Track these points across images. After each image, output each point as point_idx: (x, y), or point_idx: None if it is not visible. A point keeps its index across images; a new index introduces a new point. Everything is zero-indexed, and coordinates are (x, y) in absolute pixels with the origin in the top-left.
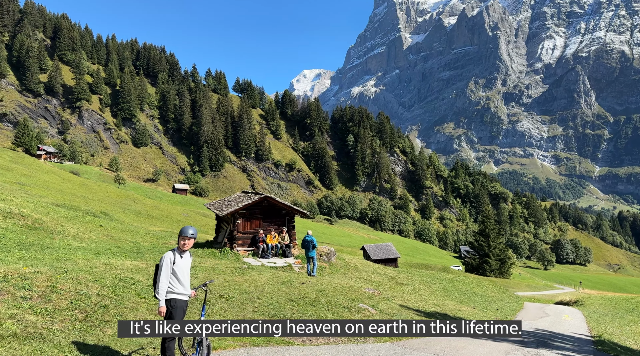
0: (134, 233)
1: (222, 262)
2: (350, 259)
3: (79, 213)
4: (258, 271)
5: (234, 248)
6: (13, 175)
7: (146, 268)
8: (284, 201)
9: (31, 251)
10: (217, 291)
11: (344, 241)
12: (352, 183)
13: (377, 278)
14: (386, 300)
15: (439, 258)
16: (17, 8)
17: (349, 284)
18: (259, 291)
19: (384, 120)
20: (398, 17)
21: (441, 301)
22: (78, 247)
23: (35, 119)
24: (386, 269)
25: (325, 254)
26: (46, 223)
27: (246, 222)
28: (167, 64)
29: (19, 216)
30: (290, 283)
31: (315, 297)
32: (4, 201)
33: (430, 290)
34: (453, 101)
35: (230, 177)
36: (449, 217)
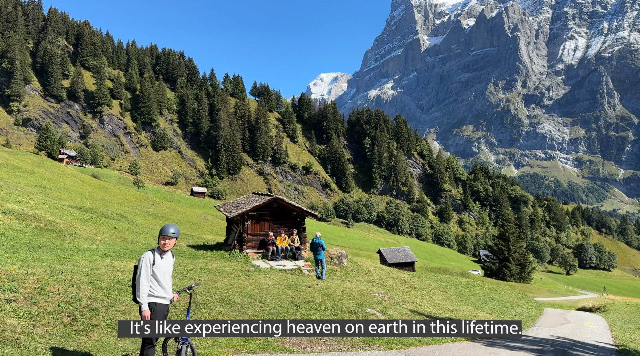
0: (147, 235)
1: (229, 264)
2: (362, 263)
3: (94, 215)
4: (265, 273)
5: (244, 250)
6: (35, 178)
7: None
8: (294, 202)
9: (38, 252)
10: (218, 295)
11: (361, 245)
12: (368, 186)
13: (390, 282)
14: (396, 305)
15: (457, 262)
16: (41, 16)
17: (358, 288)
18: (263, 295)
19: (400, 123)
20: (415, 19)
21: (456, 307)
22: (87, 248)
23: (57, 123)
24: (400, 273)
25: (337, 257)
26: (59, 224)
27: (256, 224)
28: (185, 69)
29: (32, 218)
30: (296, 287)
31: (321, 301)
32: (20, 203)
33: (445, 295)
34: (472, 103)
35: (247, 180)
36: (468, 221)
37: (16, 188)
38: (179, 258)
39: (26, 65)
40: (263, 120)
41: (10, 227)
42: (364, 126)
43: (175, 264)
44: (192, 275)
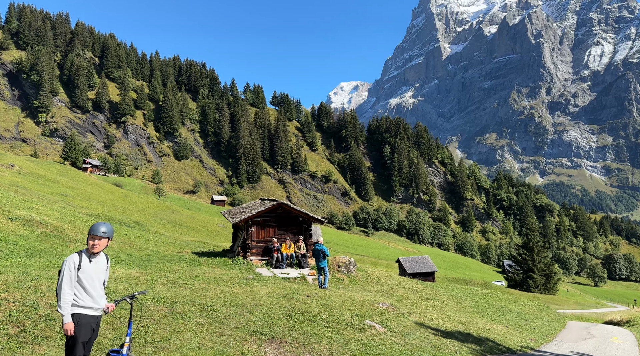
0: (158, 242)
1: (230, 272)
2: (372, 271)
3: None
4: (264, 282)
5: (247, 258)
6: (58, 187)
7: (138, 276)
8: (300, 207)
9: (34, 258)
10: (203, 304)
11: (380, 254)
12: (388, 194)
13: (400, 292)
14: (400, 316)
15: (480, 272)
16: (68, 29)
17: (361, 298)
18: (254, 304)
19: (421, 130)
20: (437, 27)
21: (469, 319)
22: None
23: (83, 133)
24: (412, 282)
25: (344, 265)
26: (66, 230)
27: (260, 230)
28: (207, 80)
29: (38, 224)
30: (293, 296)
31: (317, 312)
32: (30, 209)
33: (459, 306)
34: (495, 110)
35: (267, 189)
36: (491, 230)
37: (35, 196)
38: (178, 264)
39: (54, 77)
40: (283, 129)
41: (14, 233)
42: (384, 134)
43: (170, 272)
44: (184, 283)
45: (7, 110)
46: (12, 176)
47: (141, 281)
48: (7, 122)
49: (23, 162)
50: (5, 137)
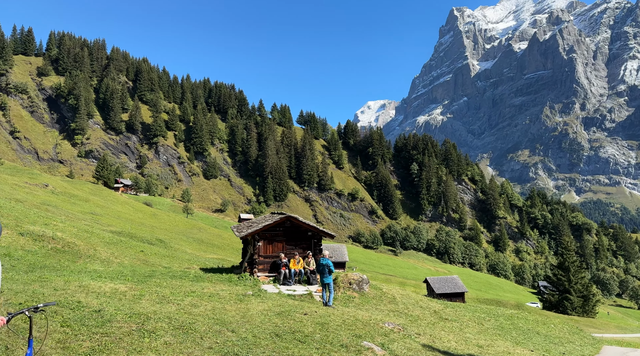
0: (174, 259)
1: (231, 288)
2: (388, 290)
3: (125, 239)
4: (263, 298)
5: (254, 274)
6: (89, 206)
7: (126, 291)
8: (309, 222)
9: (33, 273)
10: (181, 321)
11: (409, 274)
12: (417, 212)
13: (416, 312)
14: (406, 338)
15: (514, 294)
16: (104, 55)
17: (366, 317)
18: (241, 323)
19: (450, 147)
20: (465, 45)
21: (489, 342)
22: (93, 270)
23: (116, 154)
24: (431, 302)
25: (356, 282)
26: (79, 246)
27: (268, 245)
28: (236, 101)
29: (50, 239)
30: (288, 314)
31: (311, 331)
32: (46, 225)
33: (480, 328)
34: (527, 127)
35: (293, 207)
36: (525, 249)
37: (63, 214)
38: (180, 280)
39: (90, 101)
40: (309, 147)
41: (22, 248)
42: (411, 152)
43: (166, 287)
44: (175, 299)
45: (46, 133)
46: (45, 195)
47: (127, 296)
48: (46, 145)
49: (57, 182)
50: (44, 159)
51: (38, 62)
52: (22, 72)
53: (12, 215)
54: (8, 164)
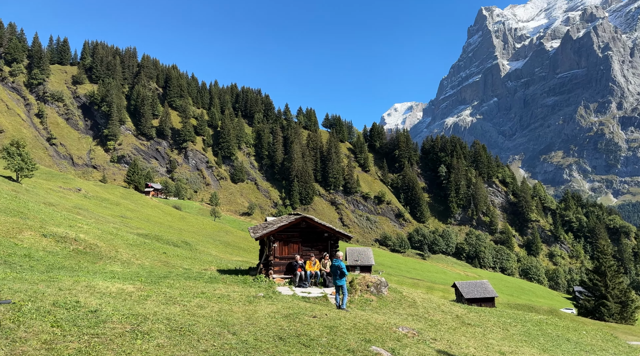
0: (196, 261)
1: (244, 290)
2: (408, 293)
3: (149, 241)
4: (273, 300)
5: (270, 275)
6: (119, 209)
7: (133, 292)
8: (326, 222)
9: (50, 273)
10: (180, 323)
11: (437, 278)
12: (445, 215)
13: (437, 316)
14: (420, 343)
15: (548, 299)
16: (135, 62)
17: (379, 321)
18: (246, 325)
19: (479, 149)
20: (494, 44)
21: (513, 349)
22: (111, 271)
23: (147, 159)
24: (454, 306)
25: (374, 285)
26: (100, 248)
27: (284, 246)
28: (262, 105)
29: (72, 241)
30: (296, 316)
31: (317, 335)
32: (71, 227)
33: (505, 334)
34: (560, 127)
35: (319, 210)
36: (559, 253)
37: (93, 217)
38: (194, 281)
39: (122, 107)
40: (334, 150)
41: (43, 249)
42: (439, 154)
43: (177, 288)
44: (182, 300)
45: (81, 139)
46: (77, 199)
47: (133, 297)
48: (80, 150)
49: (89, 187)
50: (79, 164)
51: (73, 71)
52: (58, 81)
53: (38, 217)
54: (44, 169)
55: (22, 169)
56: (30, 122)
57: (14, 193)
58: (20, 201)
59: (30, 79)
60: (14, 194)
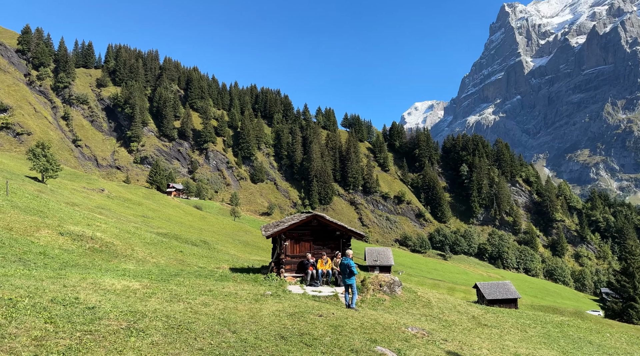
0: (212, 259)
1: (254, 288)
2: (423, 293)
3: (166, 240)
4: (281, 299)
5: (281, 274)
6: (141, 209)
7: (138, 289)
8: (338, 221)
9: (63, 270)
10: (179, 321)
11: (458, 279)
12: (467, 215)
13: (453, 317)
14: (429, 344)
15: (574, 301)
16: (157, 65)
17: (388, 321)
18: (248, 323)
19: (502, 147)
20: (517, 41)
21: (530, 351)
22: (122, 269)
23: (169, 160)
24: (471, 306)
25: (387, 284)
26: (116, 246)
27: (295, 244)
28: (281, 106)
29: (89, 239)
30: (302, 315)
31: (321, 334)
32: (89, 226)
33: (523, 335)
34: (586, 125)
35: (338, 210)
36: (586, 254)
37: (115, 216)
38: (204, 279)
39: (144, 109)
40: (354, 150)
41: (60, 247)
42: (460, 152)
43: (184, 286)
44: (187, 298)
45: (105, 141)
46: (100, 199)
47: (137, 294)
48: (105, 152)
49: (113, 187)
50: (103, 165)
51: (97, 74)
52: (83, 84)
53: (57, 216)
54: (68, 170)
55: (47, 170)
56: (56, 125)
57: (37, 192)
58: (41, 201)
59: (57, 83)
60: (36, 193)
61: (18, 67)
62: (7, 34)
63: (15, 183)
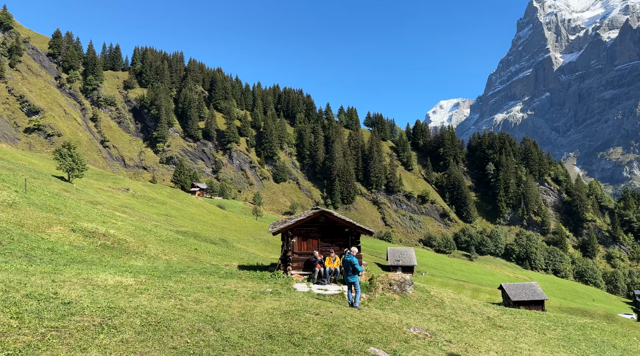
0: (227, 257)
1: (258, 286)
2: (436, 293)
3: (183, 238)
4: (280, 296)
5: (288, 272)
6: (165, 208)
7: (130, 285)
8: (346, 217)
9: (67, 266)
10: (160, 317)
11: (484, 280)
12: (494, 215)
13: (466, 318)
14: (431, 345)
15: (605, 303)
16: (182, 66)
17: (389, 321)
18: (238, 321)
19: (530, 145)
20: (546, 37)
21: (547, 354)
22: (129, 265)
23: (194, 160)
24: (487, 307)
25: (397, 283)
26: (129, 243)
27: (302, 241)
28: (304, 105)
29: (101, 236)
30: (296, 313)
31: (312, 333)
32: (104, 223)
33: (540, 338)
34: (619, 122)
35: (361, 209)
36: (618, 255)
37: (137, 214)
38: (207, 276)
39: (170, 110)
40: (376, 149)
41: (70, 243)
42: (487, 151)
43: (184, 282)
44: (181, 294)
45: (132, 141)
46: (125, 198)
47: (128, 290)
48: (132, 152)
49: (138, 187)
50: (130, 166)
51: (124, 76)
52: (111, 86)
53: (72, 213)
54: (95, 170)
55: (73, 170)
56: (85, 126)
57: (62, 191)
58: (59, 198)
59: (86, 85)
60: (57, 191)
61: (49, 70)
62: (39, 38)
63: (39, 182)
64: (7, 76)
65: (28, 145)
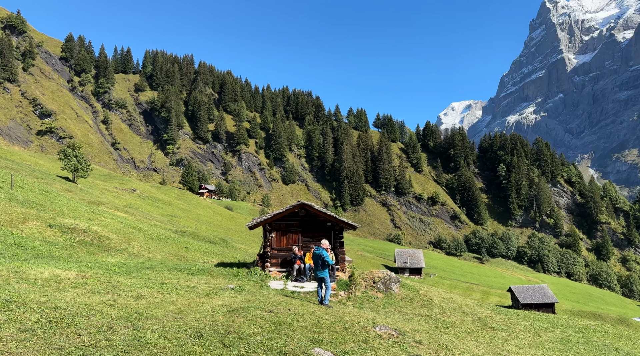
0: (216, 255)
1: (225, 282)
2: (426, 292)
3: (176, 236)
4: (240, 293)
5: (266, 268)
6: (171, 209)
7: (67, 279)
8: (327, 210)
9: (26, 261)
10: (66, 312)
11: (495, 283)
12: (505, 217)
13: (454, 318)
14: (392, 347)
15: (620, 307)
16: (192, 69)
17: (353, 319)
18: (167, 319)
19: (542, 147)
20: (559, 38)
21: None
22: (101, 261)
23: (204, 162)
24: (479, 308)
25: (381, 281)
26: (111, 240)
27: (282, 237)
28: (313, 107)
29: (80, 232)
30: (245, 311)
31: (252, 333)
32: (90, 220)
33: (534, 340)
34: (635, 124)
35: (370, 211)
36: (633, 258)
37: (141, 214)
38: (177, 273)
39: (180, 113)
40: (386, 150)
41: (44, 239)
42: (498, 152)
43: (142, 278)
44: (126, 290)
45: (142, 143)
46: (131, 199)
47: (61, 284)
48: (142, 154)
49: (145, 188)
50: (140, 168)
51: (135, 79)
52: (122, 89)
53: (56, 210)
54: (104, 171)
55: (78, 170)
56: (96, 129)
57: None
58: (48, 196)
59: (97, 88)
60: (47, 189)
61: (61, 73)
62: (51, 42)
63: (38, 181)
64: (20, 80)
65: (40, 147)
